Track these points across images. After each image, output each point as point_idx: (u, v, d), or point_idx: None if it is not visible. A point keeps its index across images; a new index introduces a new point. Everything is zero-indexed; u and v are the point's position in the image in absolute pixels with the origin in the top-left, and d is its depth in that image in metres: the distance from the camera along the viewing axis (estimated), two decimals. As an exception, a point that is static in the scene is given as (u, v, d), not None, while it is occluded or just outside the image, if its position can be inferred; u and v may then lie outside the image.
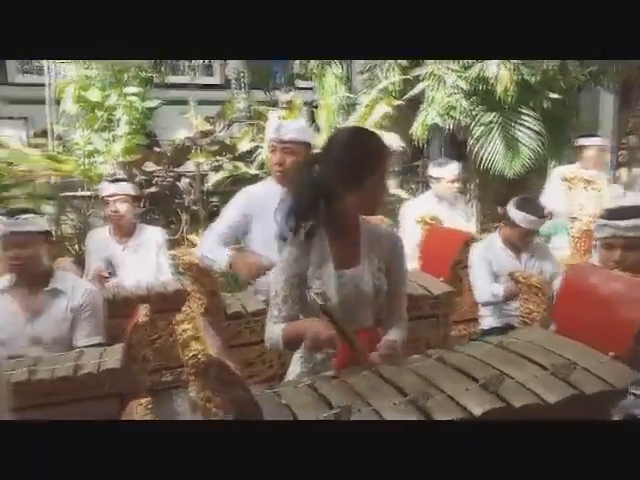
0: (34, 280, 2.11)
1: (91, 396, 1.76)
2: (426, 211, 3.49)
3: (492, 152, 4.34)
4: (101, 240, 3.20)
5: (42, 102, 4.12)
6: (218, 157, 4.11)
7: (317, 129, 4.25)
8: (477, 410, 1.13)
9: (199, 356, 0.89)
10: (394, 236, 1.64)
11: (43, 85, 4.03)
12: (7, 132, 5.29)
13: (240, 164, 4.07)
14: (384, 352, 1.44)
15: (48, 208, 3.80)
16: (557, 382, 1.23)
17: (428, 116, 4.16)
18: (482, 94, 4.20)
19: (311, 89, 4.82)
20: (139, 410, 1.17)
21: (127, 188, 3.18)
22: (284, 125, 2.37)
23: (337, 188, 1.49)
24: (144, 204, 4.25)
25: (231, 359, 1.78)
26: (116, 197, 3.08)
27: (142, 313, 1.88)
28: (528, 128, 4.22)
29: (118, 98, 3.75)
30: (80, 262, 3.38)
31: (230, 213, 2.29)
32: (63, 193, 3.93)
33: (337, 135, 1.62)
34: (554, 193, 3.85)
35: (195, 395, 1.05)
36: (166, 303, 2.34)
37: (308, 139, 2.36)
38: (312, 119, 4.41)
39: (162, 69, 4.65)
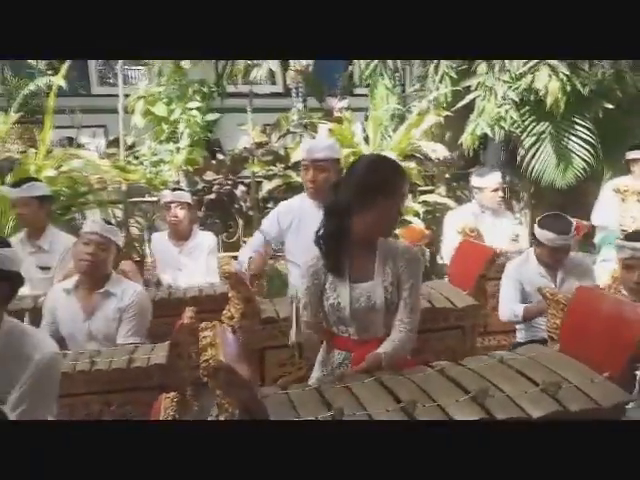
0: (95, 282, 2.38)
1: (140, 387, 2.01)
2: (466, 221, 3.57)
3: (543, 162, 4.30)
4: (161, 243, 3.52)
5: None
6: (272, 167, 4.34)
7: (366, 140, 4.39)
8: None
9: (210, 361, 1.07)
10: (409, 252, 1.74)
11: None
12: (88, 139, 5.83)
13: (292, 173, 4.29)
14: (362, 366, 1.57)
15: (117, 212, 4.20)
16: (544, 398, 1.32)
17: (478, 126, 4.19)
18: (533, 104, 4.18)
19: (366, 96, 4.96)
20: (166, 403, 1.37)
21: (185, 196, 3.47)
22: (315, 145, 2.58)
23: (355, 208, 1.65)
24: (205, 210, 4.57)
25: (256, 362, 1.99)
26: (175, 204, 3.38)
27: (187, 315, 2.12)
28: (581, 138, 4.15)
29: (181, 112, 4.07)
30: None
31: (264, 225, 2.54)
32: (132, 199, 4.32)
33: (359, 160, 1.79)
34: (606, 205, 3.78)
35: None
36: (214, 304, 2.56)
37: (337, 155, 2.55)
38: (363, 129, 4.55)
39: (224, 80, 4.93)
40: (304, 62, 5.50)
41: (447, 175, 4.95)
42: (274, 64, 4.66)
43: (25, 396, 1.53)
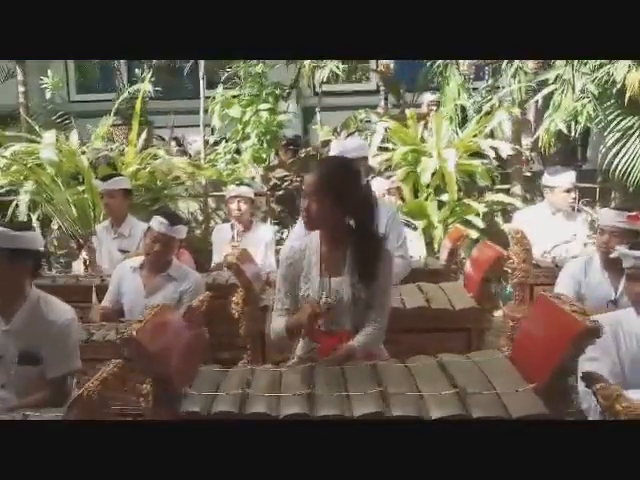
0: (158, 266, 2.72)
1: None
2: (535, 223, 3.39)
3: (630, 160, 3.92)
4: (223, 233, 3.84)
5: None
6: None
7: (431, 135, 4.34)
8: (357, 411, 1.32)
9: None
10: (385, 253, 1.81)
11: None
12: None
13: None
14: (336, 354, 1.67)
15: (195, 205, 4.64)
16: (452, 401, 1.33)
17: (552, 123, 3.94)
18: (616, 97, 3.82)
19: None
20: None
21: (246, 191, 3.74)
22: (344, 144, 2.69)
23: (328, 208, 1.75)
24: (277, 204, 4.86)
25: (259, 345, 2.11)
26: (238, 198, 3.67)
27: (199, 299, 2.37)
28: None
29: (253, 114, 4.37)
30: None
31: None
32: (211, 193, 4.73)
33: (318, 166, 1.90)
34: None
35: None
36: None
37: (365, 153, 2.64)
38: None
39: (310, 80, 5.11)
40: (384, 61, 5.55)
41: (528, 173, 4.71)
42: (340, 65, 4.74)
43: (51, 355, 1.86)
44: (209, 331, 2.47)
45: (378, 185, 3.50)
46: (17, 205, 4.08)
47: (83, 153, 4.29)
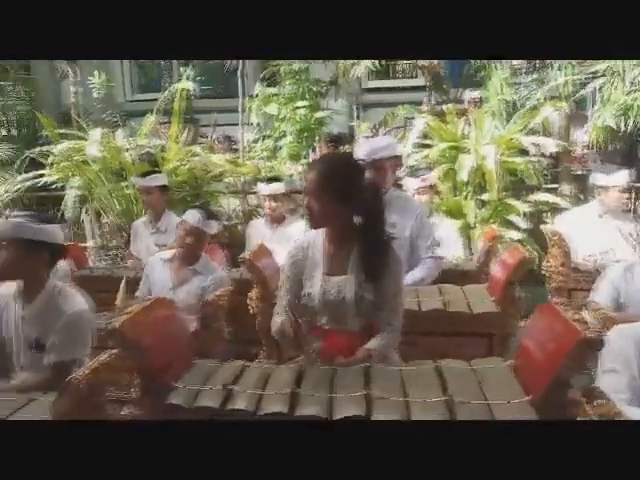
0: (187, 260, 2.78)
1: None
2: (564, 225, 3.21)
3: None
4: (256, 229, 3.88)
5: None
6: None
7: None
8: (337, 414, 1.28)
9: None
10: (393, 254, 1.75)
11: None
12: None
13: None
14: (353, 358, 1.63)
15: (236, 202, 4.70)
16: (439, 409, 1.27)
17: (600, 118, 3.70)
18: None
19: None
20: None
21: (277, 188, 3.76)
22: (370, 143, 2.63)
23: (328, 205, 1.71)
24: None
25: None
26: (268, 195, 3.69)
27: (215, 294, 2.39)
28: None
29: (290, 111, 4.37)
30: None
31: None
32: (250, 190, 4.78)
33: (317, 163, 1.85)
34: None
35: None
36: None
37: (395, 152, 2.58)
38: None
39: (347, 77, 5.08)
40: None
41: (580, 172, 4.46)
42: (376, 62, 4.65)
43: (57, 342, 1.93)
44: (237, 325, 2.49)
45: (408, 184, 3.42)
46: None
47: (127, 150, 4.45)
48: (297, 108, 4.33)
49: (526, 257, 2.09)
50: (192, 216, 2.70)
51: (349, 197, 1.67)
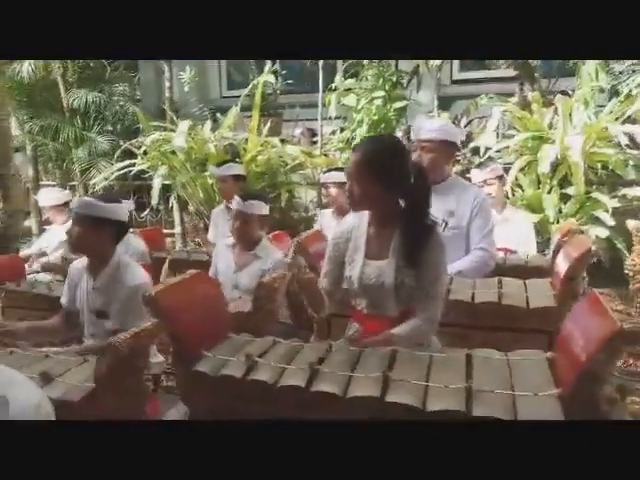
0: (246, 244, 2.89)
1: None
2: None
3: None
4: (325, 218, 3.91)
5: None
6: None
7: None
8: (351, 393, 1.27)
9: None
10: (435, 239, 1.69)
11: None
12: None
13: (474, 159, 4.13)
14: (373, 339, 1.61)
15: (314, 192, 4.77)
16: (457, 396, 1.22)
17: None
18: None
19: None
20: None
21: (337, 176, 3.76)
22: (424, 125, 2.55)
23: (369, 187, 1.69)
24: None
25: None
26: (332, 183, 3.71)
27: (271, 276, 2.46)
28: None
29: (366, 102, 4.34)
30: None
31: None
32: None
33: (360, 145, 1.82)
34: None
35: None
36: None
37: (448, 137, 2.47)
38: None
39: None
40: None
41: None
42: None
43: (117, 311, 2.09)
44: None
45: (476, 176, 3.27)
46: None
47: (211, 142, 4.68)
48: (374, 99, 4.29)
49: (590, 250, 1.93)
50: (235, 202, 2.81)
51: (392, 180, 1.64)
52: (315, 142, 5.65)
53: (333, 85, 4.59)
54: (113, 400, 1.50)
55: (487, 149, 3.97)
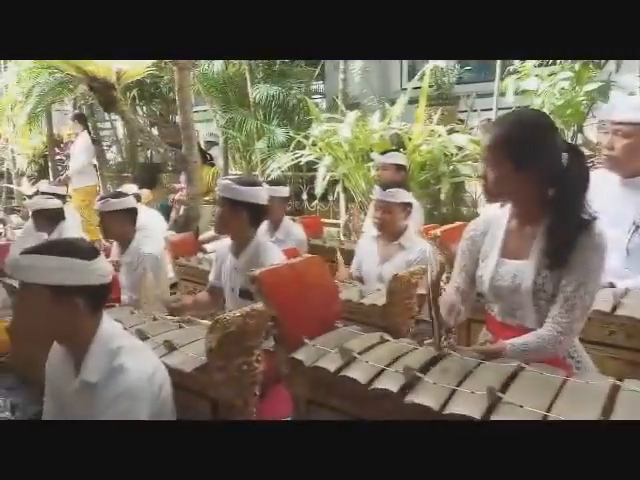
0: (391, 235, 2.81)
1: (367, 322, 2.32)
2: None
3: None
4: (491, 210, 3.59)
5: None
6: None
7: None
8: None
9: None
10: (591, 240, 1.37)
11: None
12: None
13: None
14: (484, 348, 1.39)
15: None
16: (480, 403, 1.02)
17: None
18: None
19: None
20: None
21: None
22: (620, 103, 2.14)
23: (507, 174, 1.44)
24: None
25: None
26: None
27: (410, 269, 2.31)
28: None
29: (550, 85, 3.81)
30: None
31: None
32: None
33: (495, 124, 1.53)
34: None
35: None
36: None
37: None
38: None
39: None
40: None
41: None
42: None
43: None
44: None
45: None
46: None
47: (378, 132, 4.61)
48: (561, 80, 3.73)
49: None
50: (377, 193, 2.75)
51: (537, 162, 1.37)
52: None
53: (511, 68, 4.15)
54: (222, 377, 1.53)
55: None
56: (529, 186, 1.40)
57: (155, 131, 7.90)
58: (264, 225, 2.78)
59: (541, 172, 1.38)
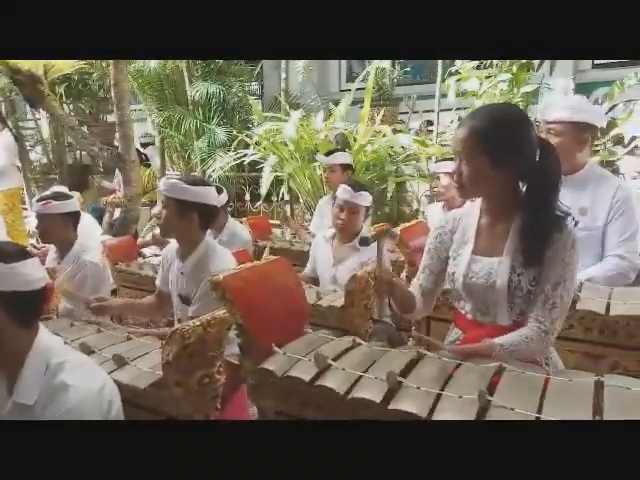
0: (346, 237, 2.74)
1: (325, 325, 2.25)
2: None
3: None
4: (434, 211, 3.62)
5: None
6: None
7: None
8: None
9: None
10: (568, 238, 1.35)
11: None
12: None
13: (616, 149, 3.55)
14: (472, 347, 1.35)
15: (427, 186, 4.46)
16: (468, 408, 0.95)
17: None
18: None
19: None
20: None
21: (445, 166, 3.44)
22: (552, 104, 2.17)
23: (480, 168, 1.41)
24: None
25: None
26: (443, 173, 3.40)
27: (366, 269, 2.25)
28: None
29: (490, 85, 3.92)
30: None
31: None
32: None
33: (468, 117, 1.49)
34: None
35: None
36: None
37: (583, 118, 2.06)
38: None
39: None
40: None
41: None
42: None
43: (199, 298, 2.02)
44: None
45: (628, 165, 2.76)
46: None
47: (321, 132, 4.57)
48: (500, 82, 3.84)
49: None
50: (342, 190, 2.63)
51: (509, 156, 1.33)
52: (431, 131, 5.32)
53: (453, 69, 4.23)
54: (181, 392, 1.40)
55: (633, 138, 3.39)
56: (504, 181, 1.37)
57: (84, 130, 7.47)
58: None
59: (516, 167, 1.35)
